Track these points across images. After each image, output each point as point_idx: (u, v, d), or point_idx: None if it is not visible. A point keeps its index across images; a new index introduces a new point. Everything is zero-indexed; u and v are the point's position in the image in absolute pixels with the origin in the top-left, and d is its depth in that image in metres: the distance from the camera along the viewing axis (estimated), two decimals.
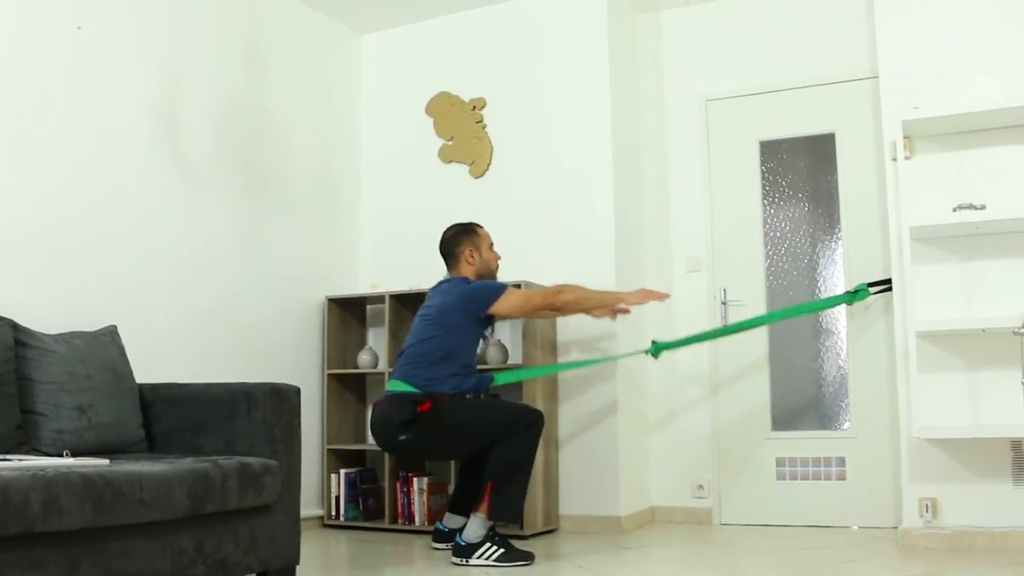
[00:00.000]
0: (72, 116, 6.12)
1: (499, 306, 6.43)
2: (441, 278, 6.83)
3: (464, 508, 6.53)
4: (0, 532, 3.49)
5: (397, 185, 8.65)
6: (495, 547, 6.07)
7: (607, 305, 6.70)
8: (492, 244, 6.89)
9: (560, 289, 6.53)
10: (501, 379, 6.70)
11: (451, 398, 6.29)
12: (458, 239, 6.77)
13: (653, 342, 7.01)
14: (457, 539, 6.16)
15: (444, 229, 6.89)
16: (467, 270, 6.71)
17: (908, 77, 6.85)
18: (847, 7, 7.83)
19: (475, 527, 6.13)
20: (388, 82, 8.87)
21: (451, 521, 6.71)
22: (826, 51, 7.90)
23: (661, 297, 6.80)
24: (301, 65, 8.23)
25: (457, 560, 6.09)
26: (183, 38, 7.04)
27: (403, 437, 6.24)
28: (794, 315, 7.41)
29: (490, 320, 6.65)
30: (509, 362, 7.56)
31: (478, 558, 6.03)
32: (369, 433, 8.03)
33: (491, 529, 6.18)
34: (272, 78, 7.87)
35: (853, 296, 7.06)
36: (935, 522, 6.48)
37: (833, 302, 7.21)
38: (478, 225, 6.90)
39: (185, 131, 6.98)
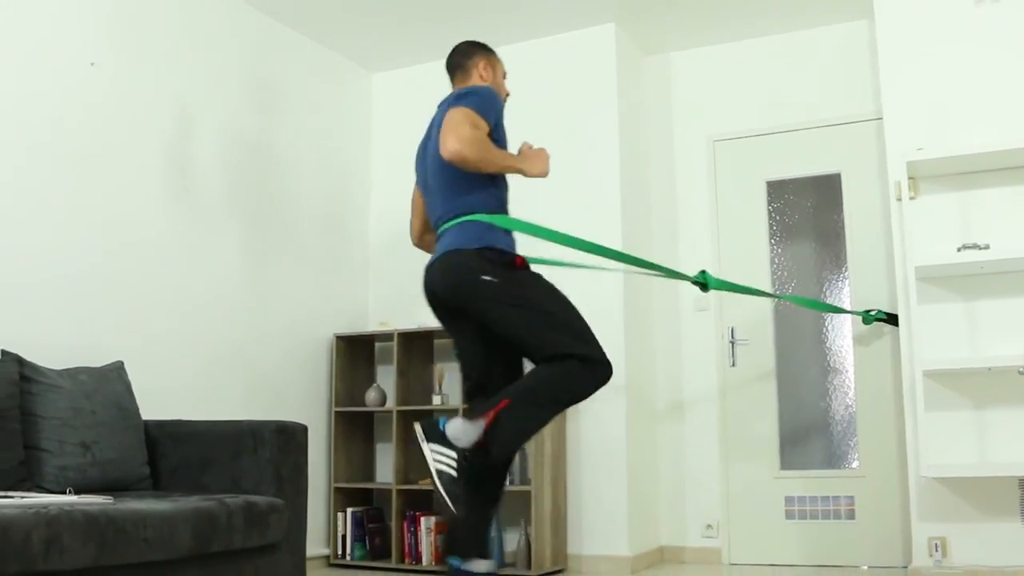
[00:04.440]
0: (83, 153, 6.12)
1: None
2: None
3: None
4: (0, 571, 3.46)
5: (406, 223, 8.59)
6: (452, 464, 4.88)
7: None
8: (506, 75, 5.93)
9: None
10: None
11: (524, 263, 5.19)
12: (473, 50, 5.74)
13: (702, 272, 6.39)
14: (441, 421, 4.93)
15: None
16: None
17: (912, 119, 6.92)
18: (852, 50, 7.89)
19: (464, 431, 4.86)
20: (398, 120, 8.88)
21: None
22: (831, 93, 7.95)
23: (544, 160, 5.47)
24: (312, 103, 8.25)
25: (421, 436, 4.90)
26: (195, 76, 7.06)
27: (487, 277, 5.02)
28: (820, 309, 7.55)
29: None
30: None
31: (432, 453, 4.85)
32: (376, 473, 8.05)
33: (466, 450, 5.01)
34: (283, 116, 7.89)
35: (870, 316, 7.26)
36: (945, 561, 6.44)
37: (852, 312, 7.38)
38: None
39: (195, 168, 6.99)
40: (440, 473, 4.81)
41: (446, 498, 4.79)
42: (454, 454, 4.85)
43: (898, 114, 6.99)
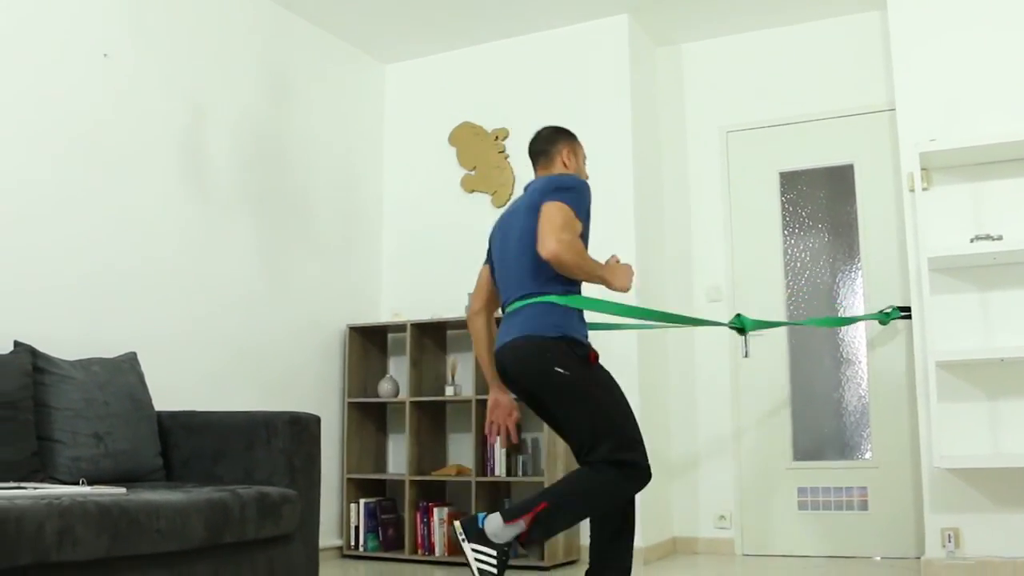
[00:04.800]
0: (96, 144, 6.13)
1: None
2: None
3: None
4: (13, 562, 3.47)
5: (419, 214, 8.66)
6: (492, 562, 5.05)
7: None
8: (586, 159, 5.77)
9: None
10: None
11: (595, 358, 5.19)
12: (556, 137, 5.66)
13: (738, 316, 6.57)
14: (480, 518, 5.08)
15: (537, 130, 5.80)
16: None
17: (924, 109, 6.91)
18: (864, 40, 7.90)
19: (502, 530, 5.00)
20: (411, 112, 8.91)
21: None
22: (844, 83, 7.95)
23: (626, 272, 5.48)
24: (325, 94, 8.25)
25: (460, 534, 5.07)
26: (208, 67, 7.07)
27: (560, 370, 5.07)
28: (842, 324, 7.52)
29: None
30: None
31: (473, 552, 5.03)
32: (389, 464, 8.07)
33: (508, 545, 5.13)
34: (296, 107, 7.90)
35: (887, 316, 7.21)
36: (958, 552, 6.44)
37: (868, 318, 7.30)
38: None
39: (208, 160, 7.00)
40: (481, 572, 4.98)
41: None
42: (494, 552, 5.00)
43: (911, 105, 6.98)
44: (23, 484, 4.26)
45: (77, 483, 4.71)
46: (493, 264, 5.61)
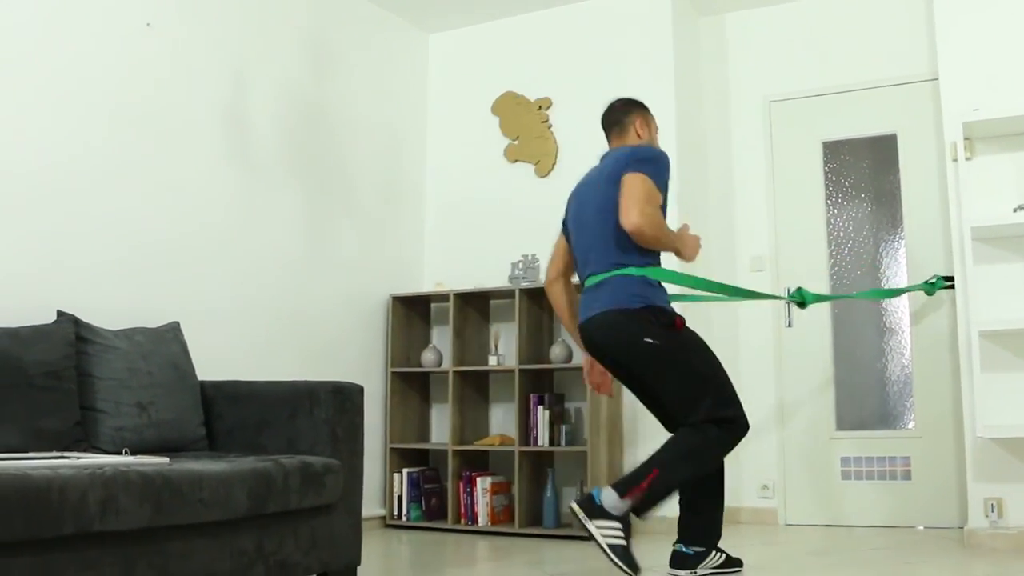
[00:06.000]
0: (140, 114, 6.16)
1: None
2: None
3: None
4: (56, 532, 3.51)
5: (462, 183, 8.66)
6: (621, 534, 5.06)
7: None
8: (658, 130, 5.96)
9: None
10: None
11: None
12: (629, 107, 5.83)
13: (799, 290, 6.77)
14: (595, 494, 5.06)
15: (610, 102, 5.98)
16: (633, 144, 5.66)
17: (967, 79, 6.85)
18: (908, 9, 7.82)
19: (620, 502, 5.05)
20: (454, 81, 8.91)
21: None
22: (887, 53, 7.89)
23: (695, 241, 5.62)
24: (368, 64, 8.26)
25: (582, 515, 5.03)
26: (250, 37, 7.08)
27: (649, 340, 5.21)
28: (890, 295, 7.53)
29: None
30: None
31: (599, 530, 5.01)
32: (432, 434, 8.11)
33: (627, 515, 5.15)
34: (339, 77, 7.90)
35: (932, 286, 7.17)
36: (1001, 522, 6.41)
37: (914, 288, 7.29)
38: None
39: (251, 129, 7.02)
40: (612, 547, 5.04)
41: (627, 569, 4.99)
42: (619, 524, 5.07)
43: (954, 74, 6.92)
44: (66, 454, 4.30)
45: (120, 453, 4.74)
46: (568, 233, 5.72)
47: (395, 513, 7.88)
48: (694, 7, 8.44)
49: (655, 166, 5.31)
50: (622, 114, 5.80)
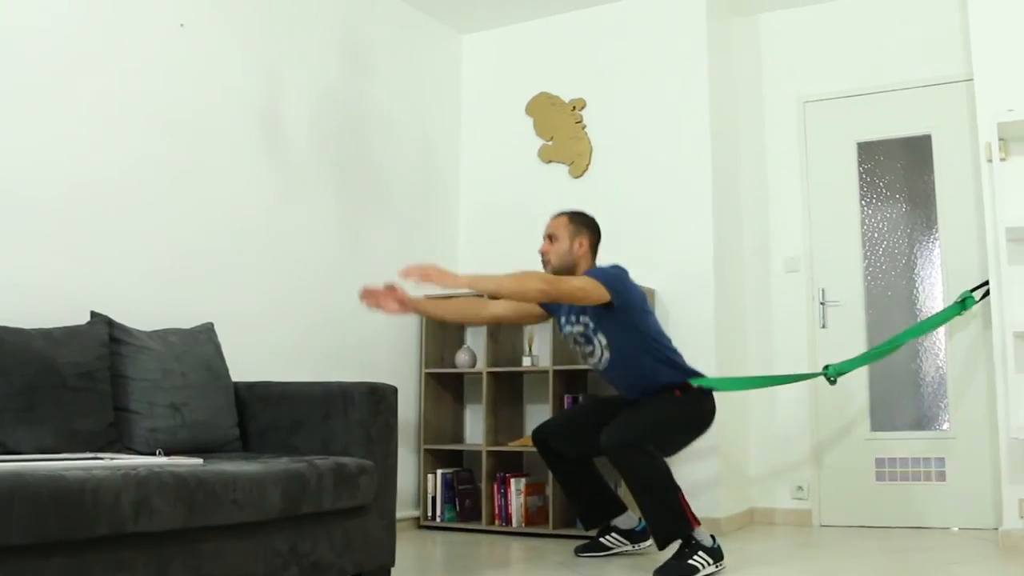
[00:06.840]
0: (173, 114, 6.13)
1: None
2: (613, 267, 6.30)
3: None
4: (89, 533, 3.48)
5: (496, 184, 8.65)
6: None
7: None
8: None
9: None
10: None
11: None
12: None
13: (827, 366, 6.72)
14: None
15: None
16: None
17: (1002, 79, 6.81)
18: (942, 10, 7.77)
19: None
20: (488, 82, 8.88)
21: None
22: (922, 53, 7.84)
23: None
24: (401, 64, 8.23)
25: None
26: (284, 36, 7.05)
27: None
28: (922, 332, 7.25)
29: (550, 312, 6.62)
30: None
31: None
32: (466, 435, 8.12)
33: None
34: (372, 77, 7.88)
35: (962, 307, 6.97)
36: None
37: (947, 315, 6.98)
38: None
39: (284, 129, 7.00)
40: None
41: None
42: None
43: (989, 75, 6.87)
44: (100, 455, 4.28)
45: (154, 454, 4.72)
46: None
47: (429, 514, 7.84)
48: (729, 7, 8.40)
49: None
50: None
